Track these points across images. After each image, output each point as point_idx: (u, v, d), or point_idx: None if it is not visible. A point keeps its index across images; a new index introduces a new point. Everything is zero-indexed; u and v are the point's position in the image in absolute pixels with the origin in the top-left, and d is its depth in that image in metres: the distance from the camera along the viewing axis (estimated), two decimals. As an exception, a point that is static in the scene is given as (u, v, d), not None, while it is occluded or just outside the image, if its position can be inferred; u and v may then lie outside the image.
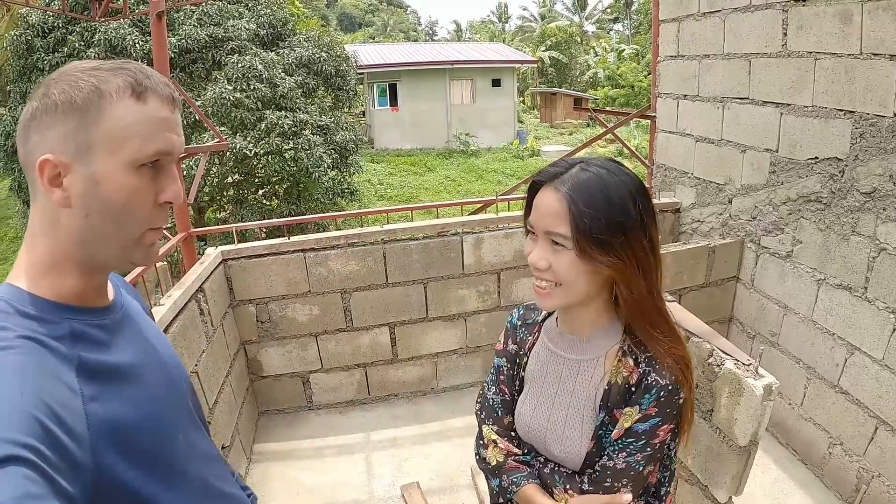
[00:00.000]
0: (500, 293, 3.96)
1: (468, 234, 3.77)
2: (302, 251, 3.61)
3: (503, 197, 4.02)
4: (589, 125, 28.51)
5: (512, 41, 41.22)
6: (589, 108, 10.03)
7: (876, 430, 2.70)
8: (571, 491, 1.21)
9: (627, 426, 1.14)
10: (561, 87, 35.10)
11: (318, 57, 12.55)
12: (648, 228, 1.10)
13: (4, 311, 0.78)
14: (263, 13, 12.54)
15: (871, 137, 2.56)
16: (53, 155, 0.78)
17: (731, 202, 3.56)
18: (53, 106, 0.79)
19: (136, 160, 0.81)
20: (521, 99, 34.62)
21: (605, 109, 11.25)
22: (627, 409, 1.14)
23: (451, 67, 25.26)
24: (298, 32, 13.59)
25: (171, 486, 0.89)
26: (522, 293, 3.95)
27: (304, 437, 3.71)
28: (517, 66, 28.26)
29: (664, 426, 1.14)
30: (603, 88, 33.38)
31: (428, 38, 69.92)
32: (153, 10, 3.70)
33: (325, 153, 11.53)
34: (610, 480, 1.15)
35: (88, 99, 0.78)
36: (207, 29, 11.13)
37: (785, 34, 2.94)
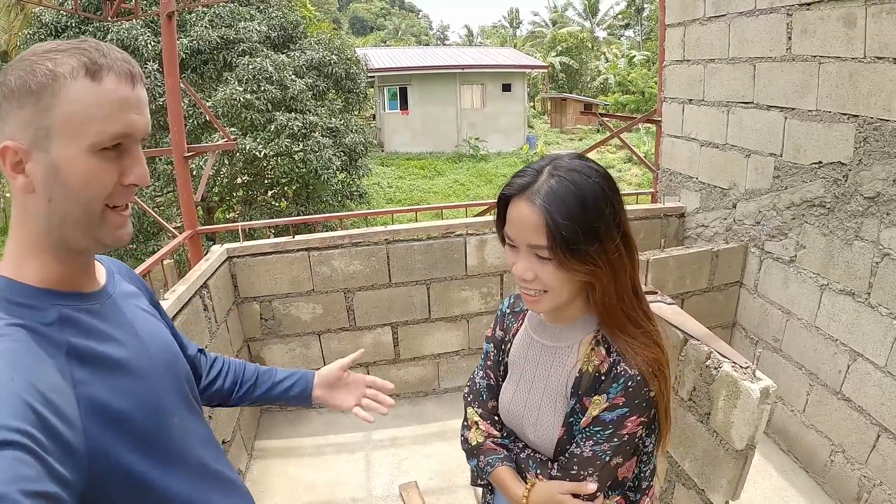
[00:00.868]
0: (502, 295, 3.96)
1: (471, 235, 3.78)
2: (306, 250, 3.63)
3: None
4: (599, 130, 28.48)
5: (523, 46, 41.21)
6: (596, 112, 10.02)
7: (878, 437, 2.67)
8: (542, 476, 1.23)
9: (595, 414, 1.15)
10: (571, 92, 35.11)
11: (328, 60, 12.59)
12: (620, 221, 1.09)
13: None
14: (275, 16, 12.60)
15: (874, 142, 2.54)
16: (13, 142, 0.78)
17: (735, 207, 3.55)
18: (10, 93, 0.78)
19: (95, 144, 0.80)
20: (531, 104, 34.64)
21: (611, 114, 11.23)
22: (596, 397, 1.15)
23: (461, 72, 25.32)
24: (309, 35, 13.65)
25: (168, 467, 0.89)
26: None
27: (305, 434, 3.73)
28: (528, 71, 28.29)
29: (632, 417, 1.13)
30: (613, 94, 33.32)
31: (439, 42, 70.10)
32: (164, 11, 3.74)
33: (334, 155, 11.56)
34: (577, 468, 1.16)
35: (42, 83, 0.77)
36: (219, 30, 11.19)
37: (789, 38, 2.93)
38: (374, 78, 23.34)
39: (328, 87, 12.82)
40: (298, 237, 3.65)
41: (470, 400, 1.43)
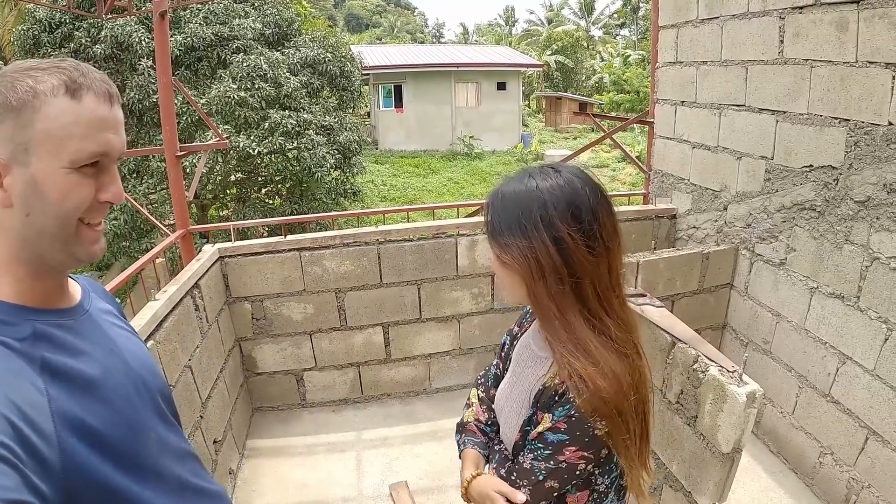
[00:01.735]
0: (493, 296, 3.96)
1: (463, 236, 3.78)
2: (298, 250, 3.62)
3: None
4: (593, 130, 28.51)
5: (518, 45, 41.21)
6: (589, 113, 10.03)
7: (867, 440, 2.69)
8: (495, 470, 1.28)
9: (540, 431, 1.15)
10: (566, 91, 35.11)
11: (323, 57, 12.55)
12: (555, 228, 1.07)
13: None
14: (269, 13, 12.54)
15: (865, 146, 2.55)
16: None
17: (726, 209, 3.56)
18: None
19: (74, 161, 0.81)
20: (526, 103, 34.62)
21: (605, 115, 11.24)
22: (546, 414, 1.15)
23: (456, 70, 25.30)
24: (304, 32, 13.59)
25: (145, 483, 0.89)
26: (517, 296, 3.94)
27: (296, 434, 3.72)
28: (523, 69, 28.29)
29: (572, 448, 1.11)
30: (608, 93, 33.41)
31: (435, 40, 70.12)
32: (156, 9, 3.72)
33: (328, 153, 11.54)
34: (515, 476, 1.19)
35: (23, 99, 0.78)
36: (213, 27, 11.14)
37: (782, 41, 2.94)
38: (368, 76, 23.31)
39: (322, 84, 12.77)
40: (290, 237, 3.64)
41: (479, 383, 1.51)
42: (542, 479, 1.14)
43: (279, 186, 12.50)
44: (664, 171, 4.21)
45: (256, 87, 10.72)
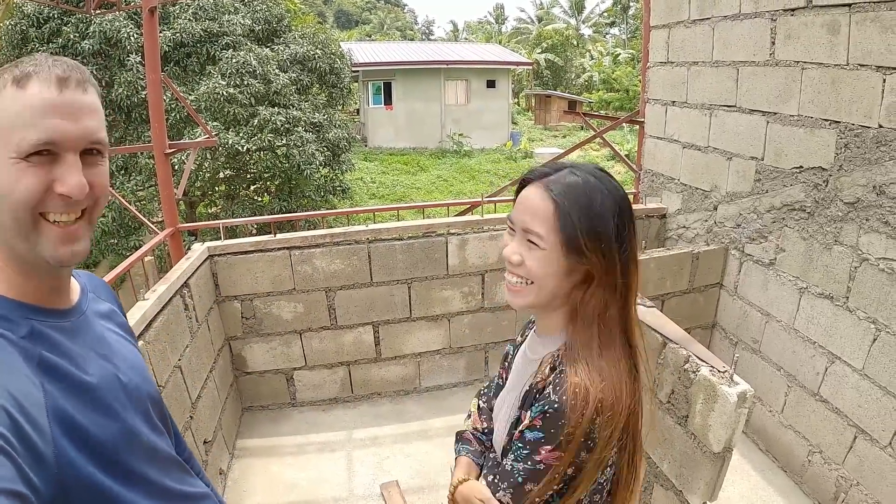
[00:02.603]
0: (483, 295, 3.96)
1: (453, 235, 3.77)
2: (287, 249, 3.60)
3: (489, 199, 4.01)
4: (583, 128, 28.57)
5: (508, 43, 41.23)
6: (579, 112, 10.05)
7: (855, 438, 2.71)
8: (485, 478, 1.26)
9: (520, 429, 1.13)
10: (556, 89, 35.16)
11: (312, 54, 12.49)
12: (625, 247, 1.08)
13: None
14: (259, 9, 12.45)
15: (855, 148, 2.57)
16: None
17: (716, 209, 3.57)
18: None
19: (19, 151, 0.78)
20: (515, 101, 34.65)
21: (595, 114, 11.29)
22: (527, 412, 1.13)
23: (446, 67, 25.24)
24: (294, 29, 13.52)
25: (132, 487, 0.89)
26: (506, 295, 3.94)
27: (286, 433, 3.71)
28: (512, 67, 28.28)
29: (546, 447, 1.07)
30: (598, 92, 33.45)
31: (424, 37, 70.00)
32: (146, 5, 3.68)
33: (317, 150, 11.49)
34: (497, 479, 1.16)
35: None
36: (202, 23, 11.05)
37: (773, 43, 2.96)
38: (358, 73, 23.22)
39: (312, 81, 12.72)
40: (280, 236, 3.62)
41: (481, 392, 1.51)
42: (520, 480, 1.11)
43: (268, 183, 12.43)
44: (654, 170, 4.22)
45: (246, 83, 10.65)
